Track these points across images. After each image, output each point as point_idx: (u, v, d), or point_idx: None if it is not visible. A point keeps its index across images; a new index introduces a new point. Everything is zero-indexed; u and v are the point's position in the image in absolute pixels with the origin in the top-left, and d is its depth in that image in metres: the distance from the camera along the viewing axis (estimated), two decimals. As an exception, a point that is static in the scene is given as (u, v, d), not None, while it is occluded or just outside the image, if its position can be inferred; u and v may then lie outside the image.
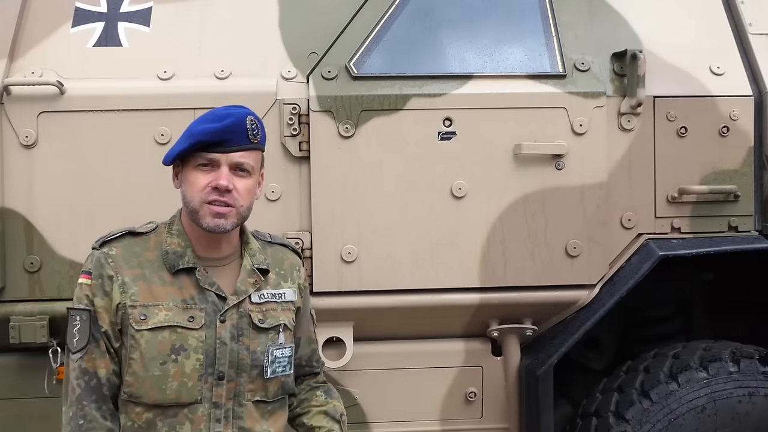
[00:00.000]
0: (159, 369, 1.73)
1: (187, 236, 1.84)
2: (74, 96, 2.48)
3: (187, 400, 1.75)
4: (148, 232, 1.87)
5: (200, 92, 2.51)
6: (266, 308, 1.86)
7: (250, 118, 1.79)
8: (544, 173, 2.58)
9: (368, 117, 2.54)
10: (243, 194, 1.79)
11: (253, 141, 1.79)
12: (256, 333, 1.83)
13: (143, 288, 1.78)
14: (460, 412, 2.73)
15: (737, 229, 2.70)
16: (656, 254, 2.60)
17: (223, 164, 1.76)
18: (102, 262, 1.80)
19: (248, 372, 1.81)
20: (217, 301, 1.80)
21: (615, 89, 2.65)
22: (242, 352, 1.80)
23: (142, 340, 1.74)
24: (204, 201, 1.76)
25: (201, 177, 1.76)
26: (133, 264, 1.80)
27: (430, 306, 2.59)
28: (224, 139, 1.74)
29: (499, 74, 2.61)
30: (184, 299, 1.78)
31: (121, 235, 1.85)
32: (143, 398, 1.75)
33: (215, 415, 1.77)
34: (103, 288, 1.78)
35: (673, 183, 2.67)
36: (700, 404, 2.62)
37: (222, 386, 1.78)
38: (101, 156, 2.48)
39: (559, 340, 2.68)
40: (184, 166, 1.81)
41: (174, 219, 1.89)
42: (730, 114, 2.67)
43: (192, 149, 1.75)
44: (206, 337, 1.77)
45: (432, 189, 2.56)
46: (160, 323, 1.75)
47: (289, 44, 2.62)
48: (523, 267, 2.60)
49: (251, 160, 1.80)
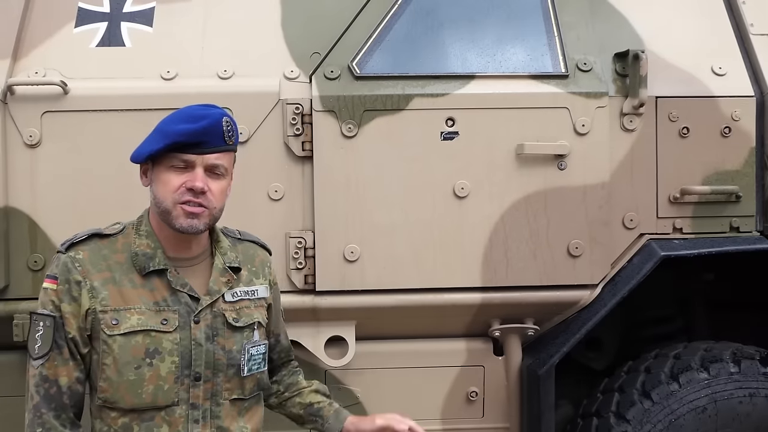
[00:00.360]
0: (134, 374, 1.70)
1: (156, 237, 1.79)
2: (78, 96, 2.49)
3: (164, 403, 1.72)
4: (115, 234, 1.81)
5: (203, 92, 2.51)
6: (240, 306, 1.83)
7: (225, 119, 1.75)
8: (546, 173, 2.59)
9: (371, 117, 2.54)
10: (217, 196, 1.75)
11: (228, 143, 1.76)
12: (231, 332, 1.80)
13: (113, 292, 1.73)
14: (462, 412, 2.74)
15: (739, 230, 2.71)
16: (658, 254, 2.61)
17: (198, 165, 1.71)
18: (69, 266, 1.74)
19: (225, 371, 1.78)
20: (190, 302, 1.76)
21: (617, 89, 2.66)
22: (218, 352, 1.77)
23: (115, 345, 1.70)
24: (177, 202, 1.71)
25: (174, 177, 1.71)
26: (102, 267, 1.75)
27: (432, 305, 2.60)
28: (201, 141, 1.70)
29: (501, 74, 2.62)
30: (156, 301, 1.75)
31: (87, 238, 1.79)
32: (119, 403, 1.71)
33: (193, 416, 1.75)
34: (70, 293, 1.72)
35: (675, 183, 2.68)
36: (700, 405, 2.63)
37: (199, 387, 1.75)
38: (104, 155, 2.49)
39: (560, 340, 2.68)
40: (155, 165, 1.75)
41: (141, 219, 1.83)
42: (732, 114, 2.68)
43: (167, 149, 1.71)
44: (180, 339, 1.74)
45: (434, 189, 2.56)
46: (133, 328, 1.71)
47: (291, 44, 2.63)
48: (525, 267, 2.60)
49: (225, 162, 1.76)
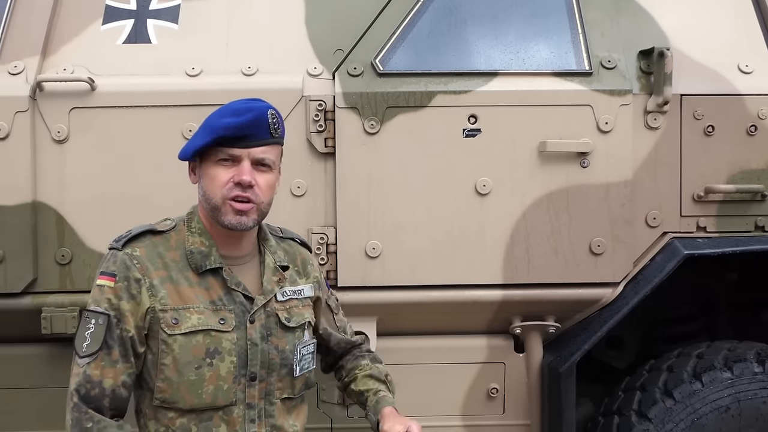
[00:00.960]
0: (194, 374, 1.69)
1: (210, 234, 1.79)
2: (105, 92, 2.52)
3: (223, 403, 1.72)
4: (168, 230, 1.81)
5: (227, 88, 2.53)
6: (289, 305, 1.84)
7: (271, 112, 1.76)
8: (568, 171, 2.58)
9: (393, 114, 2.55)
10: (264, 190, 1.75)
11: (275, 135, 1.76)
12: (284, 332, 1.81)
13: (171, 290, 1.72)
14: (482, 408, 2.74)
15: (764, 229, 2.68)
16: (681, 253, 2.59)
17: (244, 159, 1.72)
18: (127, 263, 1.72)
19: (278, 371, 1.79)
20: (244, 301, 1.77)
21: (641, 87, 2.64)
22: (272, 352, 1.78)
23: (176, 345, 1.69)
24: (226, 197, 1.71)
25: (222, 172, 1.72)
26: (159, 265, 1.74)
27: (453, 302, 2.61)
28: (246, 134, 1.70)
29: (524, 71, 2.61)
30: (212, 300, 1.74)
31: (141, 234, 1.78)
32: (178, 403, 1.70)
33: (249, 416, 1.75)
34: (129, 291, 1.70)
35: (700, 182, 2.65)
36: (724, 404, 2.61)
37: (254, 387, 1.76)
38: (131, 151, 2.52)
39: (582, 337, 2.68)
40: (202, 161, 1.76)
41: (192, 216, 1.83)
42: (759, 113, 2.65)
43: (213, 144, 1.71)
44: (237, 338, 1.74)
45: (456, 186, 2.57)
46: (194, 327, 1.70)
47: (315, 41, 2.64)
48: (547, 264, 2.60)
49: (272, 155, 1.76)
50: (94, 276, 2.50)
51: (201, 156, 1.76)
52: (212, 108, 2.47)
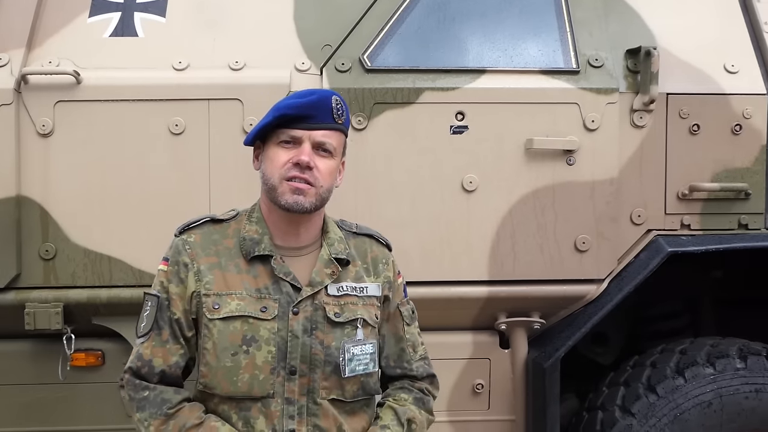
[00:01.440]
0: (230, 360, 1.67)
1: (266, 223, 1.77)
2: (90, 85, 2.50)
3: (259, 394, 1.68)
4: (229, 219, 1.81)
5: (214, 83, 2.53)
6: (345, 301, 1.75)
7: (335, 98, 1.73)
8: (555, 168, 2.59)
9: (381, 110, 2.55)
10: (324, 174, 1.71)
11: (338, 121, 1.73)
12: (331, 327, 1.73)
13: (218, 276, 1.72)
14: (468, 404, 2.76)
15: (747, 227, 2.71)
16: (665, 250, 2.61)
17: (305, 141, 1.69)
18: (180, 248, 1.75)
19: (322, 368, 1.71)
20: (291, 291, 1.72)
21: (628, 86, 2.65)
22: (315, 347, 1.71)
23: (215, 329, 1.69)
24: (284, 177, 1.69)
25: (282, 153, 1.70)
26: (210, 252, 1.75)
27: (439, 298, 2.62)
28: (308, 115, 1.69)
29: (512, 69, 2.62)
30: (258, 288, 1.71)
31: (202, 222, 1.80)
32: (216, 389, 1.69)
33: (288, 412, 1.69)
34: (178, 275, 1.73)
35: (684, 180, 2.68)
36: (706, 399, 2.64)
37: (294, 381, 1.69)
38: (116, 145, 2.51)
39: (566, 333, 2.70)
40: (265, 145, 1.75)
41: (255, 206, 1.82)
42: (744, 112, 2.67)
43: (275, 123, 1.70)
44: (278, 329, 1.69)
45: (443, 182, 2.57)
46: (231, 313, 1.69)
47: (303, 36, 2.63)
48: (532, 261, 2.61)
49: (334, 141, 1.73)
50: (78, 272, 2.52)
51: (263, 139, 1.75)
52: (199, 103, 2.52)
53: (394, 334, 1.88)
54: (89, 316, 2.58)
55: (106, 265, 2.51)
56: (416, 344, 1.92)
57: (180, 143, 2.52)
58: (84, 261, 2.51)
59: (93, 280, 2.51)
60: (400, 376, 1.88)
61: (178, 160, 2.52)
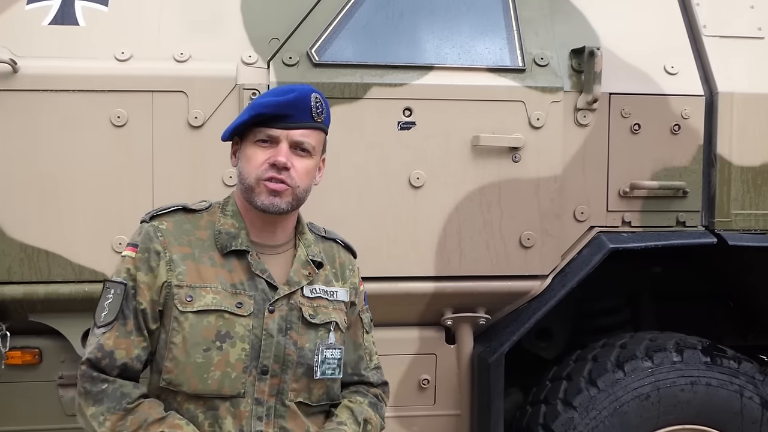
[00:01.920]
0: (202, 356, 1.61)
1: (242, 218, 1.72)
2: (28, 75, 2.42)
3: (229, 393, 1.62)
4: (201, 210, 1.75)
5: (159, 74, 2.48)
6: (317, 304, 1.73)
7: (314, 95, 1.69)
8: (501, 165, 2.62)
9: (328, 105, 2.53)
10: (301, 175, 1.67)
11: (317, 120, 1.68)
12: (306, 328, 1.70)
13: (191, 267, 1.66)
14: (414, 399, 2.77)
15: (685, 224, 2.79)
16: (607, 247, 2.67)
17: (282, 141, 1.65)
18: (151, 235, 1.67)
19: (293, 369, 1.68)
20: (267, 289, 1.68)
21: (572, 85, 2.70)
22: (289, 347, 1.67)
23: (186, 323, 1.62)
24: (260, 178, 1.65)
25: (259, 153, 1.65)
26: (183, 241, 1.68)
27: (386, 294, 2.62)
28: (286, 114, 1.64)
29: (459, 66, 2.63)
30: (233, 283, 1.66)
31: (173, 210, 1.73)
32: (183, 386, 1.62)
33: (257, 412, 1.64)
34: (148, 262, 1.65)
35: (625, 178, 2.74)
36: (644, 392, 2.71)
37: (265, 381, 1.65)
38: (55, 137, 2.44)
39: (511, 329, 2.73)
40: (242, 142, 1.70)
41: (228, 200, 1.77)
42: (682, 113, 2.74)
43: (251, 122, 1.65)
44: (253, 326, 1.65)
45: (390, 178, 2.58)
46: (207, 306, 1.63)
47: (250, 29, 2.60)
48: (478, 257, 2.64)
49: (313, 140, 1.68)
50: (14, 267, 2.45)
51: (241, 135, 1.71)
52: (142, 95, 2.47)
53: (354, 341, 1.85)
54: (26, 312, 2.50)
55: (44, 260, 2.44)
56: (372, 353, 1.91)
57: (122, 136, 2.46)
58: (20, 256, 2.43)
59: (30, 276, 2.44)
60: (356, 383, 1.86)
61: (121, 152, 2.47)
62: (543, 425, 2.75)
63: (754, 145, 2.77)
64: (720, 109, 2.74)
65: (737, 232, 2.77)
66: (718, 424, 2.76)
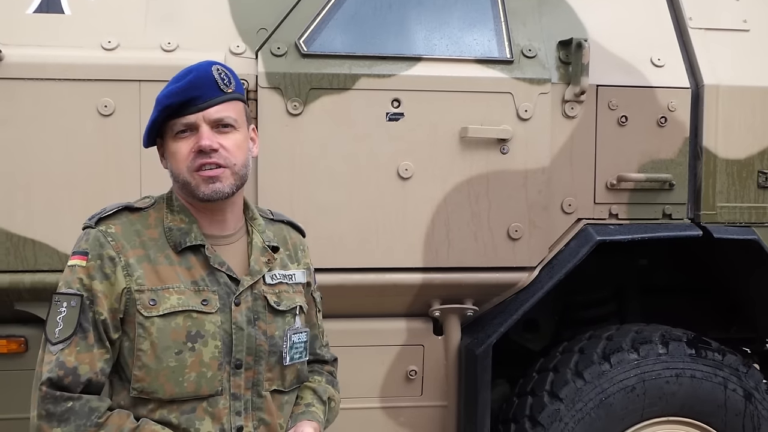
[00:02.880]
0: (174, 359, 1.55)
1: (190, 212, 1.66)
2: (13, 63, 2.40)
3: (207, 392, 1.58)
4: (147, 208, 1.67)
5: (145, 64, 2.46)
6: (279, 290, 1.70)
7: (216, 67, 1.62)
8: (489, 157, 2.63)
9: (317, 95, 2.54)
10: (233, 151, 1.60)
11: (227, 91, 1.61)
12: (273, 316, 1.67)
13: (149, 270, 1.59)
14: (401, 390, 2.78)
15: (671, 217, 2.80)
16: (594, 239, 2.68)
17: (201, 124, 1.58)
18: (101, 241, 1.59)
19: (266, 359, 1.65)
20: (229, 282, 1.64)
21: (560, 77, 2.70)
22: (259, 338, 1.64)
23: (153, 328, 1.56)
24: (192, 169, 1.58)
25: (182, 145, 1.59)
26: (136, 243, 1.61)
27: (374, 285, 2.62)
28: (192, 96, 1.57)
29: (447, 57, 2.63)
30: (194, 280, 1.61)
31: (117, 211, 1.65)
32: (157, 393, 1.56)
33: (235, 408, 1.61)
34: (102, 270, 1.57)
35: (613, 170, 2.75)
36: (630, 384, 2.73)
37: (240, 375, 1.62)
38: (41, 125, 2.42)
39: (498, 320, 2.74)
40: (164, 141, 1.64)
41: (171, 194, 1.70)
42: (669, 105, 2.76)
43: (163, 117, 1.59)
44: (222, 321, 1.60)
45: (378, 169, 2.58)
46: (173, 308, 1.57)
47: (238, 18, 2.59)
48: (466, 248, 2.64)
49: (232, 113, 1.61)
50: (0, 256, 2.42)
51: (160, 136, 1.65)
52: (129, 84, 2.46)
53: (309, 321, 1.84)
54: (12, 301, 2.49)
55: (30, 248, 2.43)
56: (324, 330, 1.93)
57: (109, 125, 2.45)
58: (6, 245, 2.42)
59: (16, 265, 2.42)
60: (311, 362, 1.85)
61: (107, 141, 2.46)
62: (529, 417, 2.76)
63: (739, 137, 2.79)
64: (706, 101, 2.76)
65: (722, 225, 2.79)
66: (702, 416, 2.79)
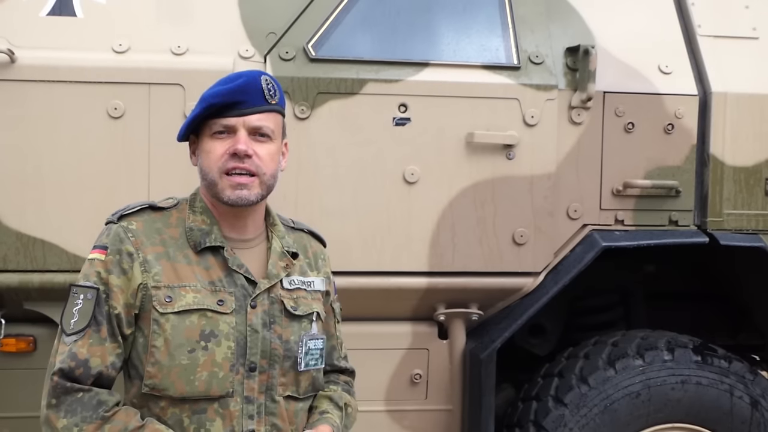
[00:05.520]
0: (187, 357, 1.56)
1: (212, 213, 1.67)
2: (25, 65, 2.44)
3: (218, 393, 1.58)
4: (170, 208, 1.69)
5: (156, 67, 2.49)
6: (297, 295, 1.70)
7: (264, 77, 1.64)
8: (494, 162, 2.64)
9: (324, 100, 2.55)
10: (265, 160, 1.62)
11: (271, 102, 1.63)
12: (289, 321, 1.67)
13: (167, 267, 1.60)
14: (405, 394, 2.79)
15: (677, 224, 2.80)
16: (599, 245, 2.69)
17: (240, 128, 1.60)
18: (121, 236, 1.60)
19: (280, 363, 1.64)
20: (246, 285, 1.64)
21: (567, 83, 2.71)
22: (274, 341, 1.64)
23: (168, 324, 1.56)
24: (222, 171, 1.60)
25: (217, 145, 1.60)
26: (156, 241, 1.62)
27: (379, 288, 2.64)
28: (238, 101, 1.59)
29: (454, 63, 2.65)
30: (211, 281, 1.62)
31: (140, 209, 1.67)
32: (168, 390, 1.56)
33: (248, 411, 1.60)
34: (120, 265, 1.58)
35: (619, 176, 2.75)
36: (635, 390, 2.72)
37: (254, 378, 1.61)
38: (52, 127, 2.45)
39: (503, 325, 2.75)
40: (199, 138, 1.65)
41: (195, 196, 1.71)
42: (676, 112, 2.76)
43: (204, 115, 1.60)
44: (236, 323, 1.60)
45: (385, 174, 2.59)
46: (189, 306, 1.58)
47: (247, 23, 2.61)
48: (471, 253, 2.65)
49: (271, 124, 1.64)
50: (9, 255, 2.46)
51: (196, 132, 1.66)
52: (139, 87, 2.49)
53: (327, 331, 1.83)
54: (21, 300, 2.52)
55: (40, 249, 2.46)
56: (342, 342, 1.92)
57: (119, 127, 2.48)
58: (16, 245, 2.45)
59: (25, 264, 2.45)
60: (328, 372, 1.85)
61: (117, 144, 2.48)
62: (534, 422, 2.76)
63: (746, 145, 2.78)
64: (713, 108, 2.76)
65: (729, 232, 2.79)
66: (708, 423, 2.78)
